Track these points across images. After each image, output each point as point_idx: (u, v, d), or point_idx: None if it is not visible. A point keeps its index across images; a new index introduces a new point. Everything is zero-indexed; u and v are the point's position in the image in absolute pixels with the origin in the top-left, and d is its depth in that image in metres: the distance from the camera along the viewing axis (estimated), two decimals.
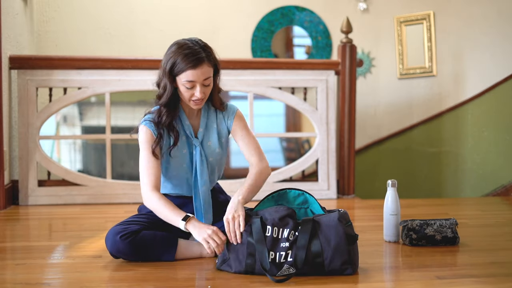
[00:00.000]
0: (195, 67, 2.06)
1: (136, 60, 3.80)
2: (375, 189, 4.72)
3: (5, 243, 2.60)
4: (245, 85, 3.89)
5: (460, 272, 2.04)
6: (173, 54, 2.10)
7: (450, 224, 2.43)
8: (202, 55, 2.08)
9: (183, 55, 2.07)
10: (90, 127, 4.70)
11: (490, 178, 4.88)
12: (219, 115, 2.27)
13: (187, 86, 2.09)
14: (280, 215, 1.97)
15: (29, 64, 3.65)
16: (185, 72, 2.07)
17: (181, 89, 2.12)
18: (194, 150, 2.22)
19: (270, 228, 1.96)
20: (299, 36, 5.10)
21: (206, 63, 2.09)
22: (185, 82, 2.08)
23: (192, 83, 2.08)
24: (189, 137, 2.22)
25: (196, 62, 2.06)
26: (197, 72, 2.07)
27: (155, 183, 2.13)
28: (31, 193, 3.63)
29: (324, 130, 3.95)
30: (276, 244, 1.95)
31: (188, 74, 2.07)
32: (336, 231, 1.95)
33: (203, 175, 2.22)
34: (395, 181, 2.49)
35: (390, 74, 5.05)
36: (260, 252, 1.94)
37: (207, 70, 2.09)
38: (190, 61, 2.06)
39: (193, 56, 2.06)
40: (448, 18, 4.96)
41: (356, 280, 1.92)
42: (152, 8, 4.80)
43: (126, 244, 2.08)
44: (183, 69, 2.07)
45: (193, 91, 2.10)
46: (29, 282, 1.91)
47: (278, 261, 1.94)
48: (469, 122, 4.95)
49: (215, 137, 2.26)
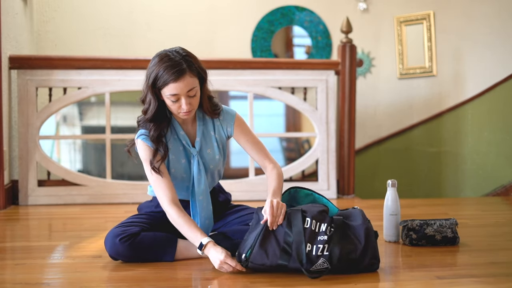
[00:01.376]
0: (176, 80, 2.01)
1: (136, 60, 3.80)
2: (375, 189, 4.72)
3: (5, 243, 2.60)
4: (245, 85, 3.89)
5: (460, 272, 2.04)
6: (154, 67, 2.05)
7: (450, 224, 2.43)
8: (183, 66, 2.02)
9: (164, 67, 2.02)
10: (90, 127, 4.69)
11: (490, 178, 4.88)
12: (216, 122, 2.23)
13: (172, 99, 2.04)
14: (319, 209, 1.99)
15: (29, 64, 3.65)
16: (168, 86, 2.02)
17: (167, 103, 2.08)
18: (192, 160, 2.19)
19: (309, 220, 1.97)
20: (299, 36, 5.10)
21: (188, 73, 2.03)
22: (169, 96, 2.04)
23: (177, 96, 2.03)
24: (186, 147, 2.19)
25: (177, 74, 2.01)
26: (179, 84, 2.02)
27: (172, 196, 2.10)
28: (31, 193, 3.63)
29: (324, 130, 3.95)
30: (315, 237, 1.96)
31: (170, 88, 2.02)
32: (364, 228, 2.00)
33: (200, 184, 2.20)
34: (395, 181, 2.49)
35: (390, 74, 5.05)
36: (297, 242, 1.93)
37: (190, 81, 2.03)
38: (171, 74, 2.00)
39: (174, 68, 2.01)
40: (448, 18, 4.96)
41: (356, 280, 1.92)
42: (152, 8, 4.79)
43: (126, 247, 2.08)
44: (165, 82, 2.02)
45: (179, 104, 2.05)
46: (29, 282, 1.91)
47: (314, 254, 1.94)
48: (469, 122, 4.95)
49: (215, 144, 2.23)
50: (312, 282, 1.89)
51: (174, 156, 2.17)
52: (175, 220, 2.07)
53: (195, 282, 1.96)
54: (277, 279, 1.92)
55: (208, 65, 3.57)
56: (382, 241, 2.50)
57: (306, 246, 1.94)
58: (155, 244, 2.13)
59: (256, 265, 1.96)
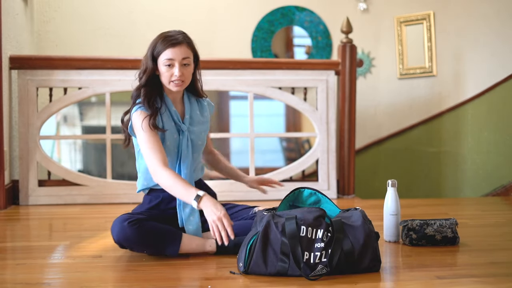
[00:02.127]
0: (174, 46, 2.17)
1: (136, 60, 3.78)
2: (375, 189, 4.72)
3: (5, 243, 2.60)
4: (245, 85, 3.89)
5: (460, 272, 2.05)
6: (154, 40, 2.24)
7: (450, 224, 2.43)
8: (181, 37, 2.20)
9: (163, 37, 2.21)
10: (90, 127, 4.70)
11: (490, 178, 4.88)
12: (200, 104, 2.38)
13: (166, 64, 2.18)
14: (314, 216, 1.96)
15: (30, 64, 3.65)
16: (165, 51, 2.18)
17: (161, 71, 2.20)
18: (181, 135, 2.28)
19: (304, 228, 1.94)
20: (299, 36, 5.10)
21: (185, 44, 2.20)
22: (165, 60, 2.18)
23: (171, 61, 2.18)
24: (177, 123, 2.28)
25: (175, 41, 2.18)
26: (175, 50, 2.17)
27: (163, 160, 2.16)
28: (31, 193, 3.63)
29: (324, 130, 3.95)
30: (312, 244, 1.94)
31: (167, 53, 2.17)
32: (364, 229, 1.98)
33: (188, 157, 2.28)
34: (395, 181, 2.50)
35: (390, 74, 5.05)
36: (294, 251, 1.91)
37: (185, 50, 2.20)
38: (169, 41, 2.18)
39: (173, 37, 2.19)
40: (448, 18, 4.97)
41: (356, 280, 1.92)
42: (152, 8, 4.80)
43: (134, 230, 2.09)
44: (163, 48, 2.18)
45: (173, 70, 2.18)
46: (29, 282, 1.91)
47: (312, 262, 1.93)
48: (469, 122, 4.95)
49: (201, 120, 2.36)
50: (312, 282, 1.90)
51: (169, 130, 2.25)
52: (169, 179, 2.11)
53: (195, 282, 1.96)
54: (277, 279, 1.92)
55: (208, 65, 3.60)
56: (382, 241, 2.50)
57: (304, 254, 1.93)
58: (161, 234, 2.15)
59: (255, 273, 1.97)
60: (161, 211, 2.32)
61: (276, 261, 1.93)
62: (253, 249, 1.95)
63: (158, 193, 2.31)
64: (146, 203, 2.34)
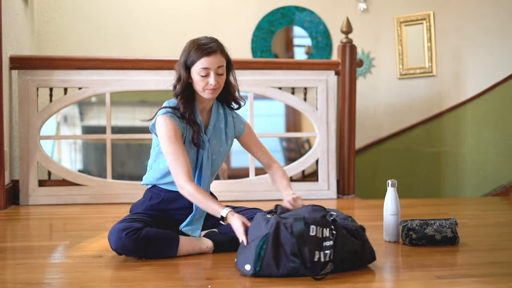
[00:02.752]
0: (209, 55, 2.16)
1: (136, 60, 3.81)
2: (375, 189, 4.72)
3: (5, 243, 2.60)
4: (245, 85, 3.89)
5: (460, 272, 2.05)
6: (187, 48, 2.21)
7: (450, 224, 2.43)
8: (215, 46, 2.19)
9: (197, 46, 2.18)
10: (91, 127, 4.70)
11: (490, 178, 4.88)
12: (229, 118, 2.36)
13: (201, 74, 2.16)
14: (321, 214, 1.99)
15: (30, 64, 3.65)
16: (200, 60, 2.16)
17: (196, 79, 2.19)
18: (202, 146, 2.26)
19: (314, 228, 1.95)
20: (299, 36, 5.10)
21: (219, 52, 2.19)
22: (200, 70, 2.16)
23: (207, 70, 2.16)
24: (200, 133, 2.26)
25: (209, 50, 2.16)
26: (210, 59, 2.16)
27: (188, 172, 2.17)
28: (31, 193, 3.63)
29: (324, 130, 3.96)
30: (321, 244, 1.95)
31: (202, 62, 2.16)
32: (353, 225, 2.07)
33: (207, 170, 2.28)
34: (395, 181, 2.50)
35: (390, 74, 5.05)
36: (302, 252, 1.92)
37: (220, 58, 2.19)
38: (204, 49, 2.16)
39: (207, 45, 2.17)
40: (448, 18, 4.97)
41: (356, 280, 1.92)
42: (152, 8, 4.80)
43: (132, 241, 2.10)
44: (197, 57, 2.16)
45: (208, 79, 2.17)
46: (30, 282, 1.91)
47: (323, 260, 1.94)
48: (469, 122, 4.95)
49: (222, 137, 2.33)
50: (312, 282, 1.90)
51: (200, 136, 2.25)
52: (194, 195, 2.14)
53: (195, 282, 1.96)
54: (277, 279, 1.92)
55: None
56: (382, 241, 2.51)
57: (315, 254, 1.93)
58: (159, 239, 2.16)
59: (266, 275, 1.95)
60: (160, 211, 2.32)
61: (288, 262, 1.93)
62: (264, 251, 1.94)
63: (160, 192, 2.33)
64: (147, 200, 2.35)
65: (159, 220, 2.28)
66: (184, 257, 2.20)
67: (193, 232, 2.29)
